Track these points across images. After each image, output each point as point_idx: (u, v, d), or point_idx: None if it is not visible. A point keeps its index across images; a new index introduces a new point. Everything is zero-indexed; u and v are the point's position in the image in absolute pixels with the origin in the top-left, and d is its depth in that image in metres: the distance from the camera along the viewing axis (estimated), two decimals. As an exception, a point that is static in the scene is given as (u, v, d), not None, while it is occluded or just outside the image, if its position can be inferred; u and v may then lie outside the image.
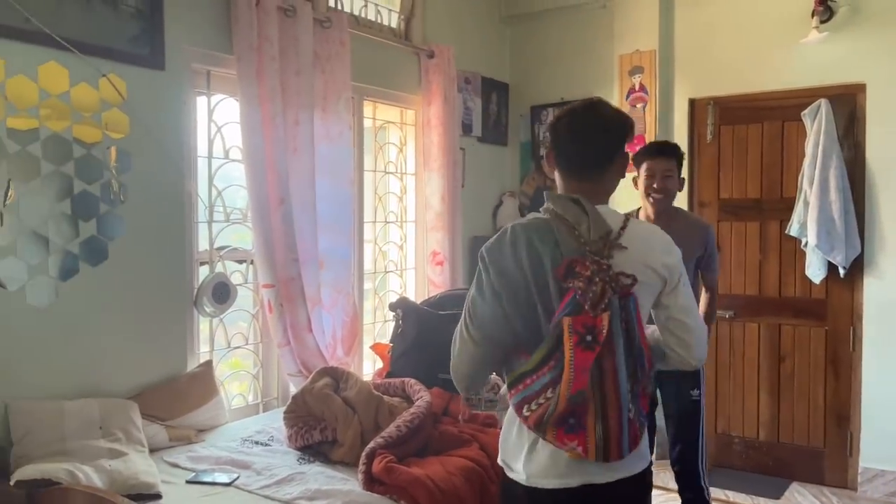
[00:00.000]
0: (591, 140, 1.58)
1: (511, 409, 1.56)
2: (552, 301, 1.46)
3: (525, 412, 1.46)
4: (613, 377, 1.42)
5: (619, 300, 1.42)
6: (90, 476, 2.08)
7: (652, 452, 1.67)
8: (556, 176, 1.65)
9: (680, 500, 2.90)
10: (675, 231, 1.76)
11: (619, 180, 1.66)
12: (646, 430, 1.55)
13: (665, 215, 2.82)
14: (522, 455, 1.55)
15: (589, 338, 1.38)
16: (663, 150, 2.90)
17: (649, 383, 1.53)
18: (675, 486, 2.94)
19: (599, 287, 1.40)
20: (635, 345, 1.45)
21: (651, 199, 2.83)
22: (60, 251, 2.40)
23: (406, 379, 2.93)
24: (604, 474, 1.50)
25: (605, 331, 1.39)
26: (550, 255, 1.46)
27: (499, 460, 1.66)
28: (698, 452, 2.85)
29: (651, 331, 1.62)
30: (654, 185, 2.81)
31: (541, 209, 1.58)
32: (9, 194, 2.22)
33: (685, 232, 2.62)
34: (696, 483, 2.84)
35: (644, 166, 2.87)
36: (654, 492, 2.26)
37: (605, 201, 1.61)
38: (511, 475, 1.60)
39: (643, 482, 1.60)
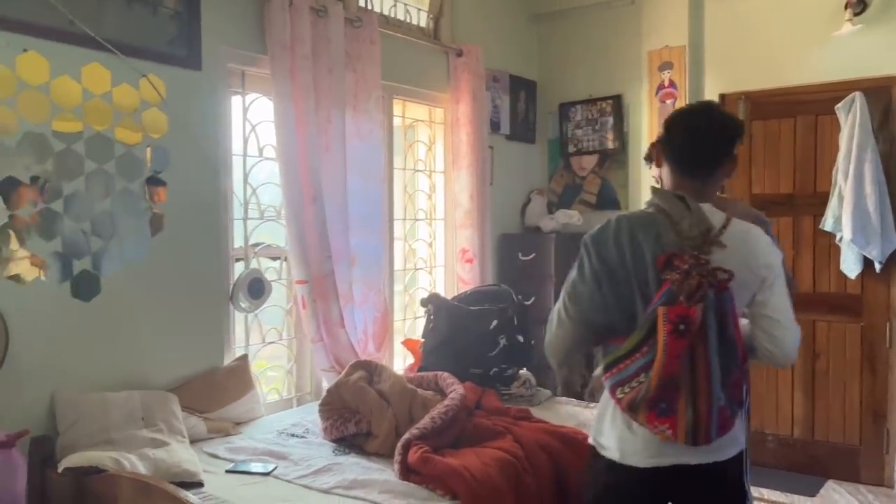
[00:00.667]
0: (707, 139, 1.67)
1: (606, 391, 1.63)
2: (650, 291, 1.55)
3: (619, 394, 1.55)
4: (706, 366, 1.49)
5: (715, 294, 1.49)
6: (135, 464, 2.13)
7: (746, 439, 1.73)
8: (664, 171, 1.74)
9: None
10: None
11: (724, 181, 1.77)
12: (738, 417, 1.60)
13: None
14: (616, 435, 1.64)
15: (682, 327, 1.45)
16: None
17: (742, 375, 1.59)
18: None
19: (696, 280, 1.47)
20: (728, 337, 1.52)
21: None
22: (103, 247, 2.47)
23: (439, 373, 2.96)
24: (695, 456, 1.57)
25: (698, 321, 1.46)
26: (652, 248, 1.56)
27: (590, 440, 1.74)
28: None
29: (743, 324, 1.67)
30: None
31: (645, 203, 1.69)
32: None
33: None
34: None
35: None
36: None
37: (711, 200, 1.68)
38: (603, 453, 1.68)
39: (734, 466, 1.65)
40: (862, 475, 3.78)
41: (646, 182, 4.31)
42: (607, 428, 1.67)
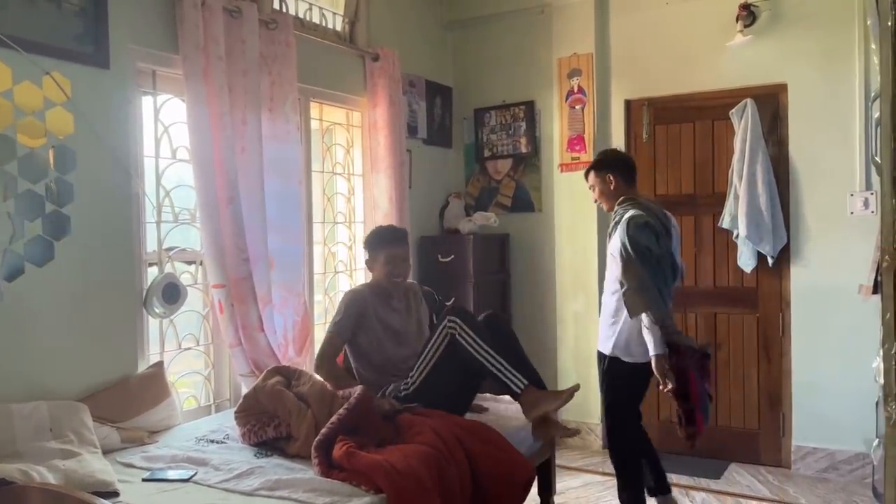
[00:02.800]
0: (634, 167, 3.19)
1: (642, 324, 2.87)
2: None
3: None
4: None
5: None
6: (45, 475, 2.04)
7: None
8: (616, 185, 3.11)
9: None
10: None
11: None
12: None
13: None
14: (640, 351, 2.93)
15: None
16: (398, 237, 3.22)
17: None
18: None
19: None
20: None
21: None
22: (5, 251, 2.36)
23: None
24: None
25: None
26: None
27: (614, 354, 3.06)
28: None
29: None
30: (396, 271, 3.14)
31: (627, 205, 3.01)
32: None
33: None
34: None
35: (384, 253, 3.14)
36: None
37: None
38: (629, 360, 3.02)
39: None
40: (762, 457, 4.04)
41: (557, 185, 4.47)
42: (633, 347, 2.97)
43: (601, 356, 3.17)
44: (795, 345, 3.91)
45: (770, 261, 3.89)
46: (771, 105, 3.95)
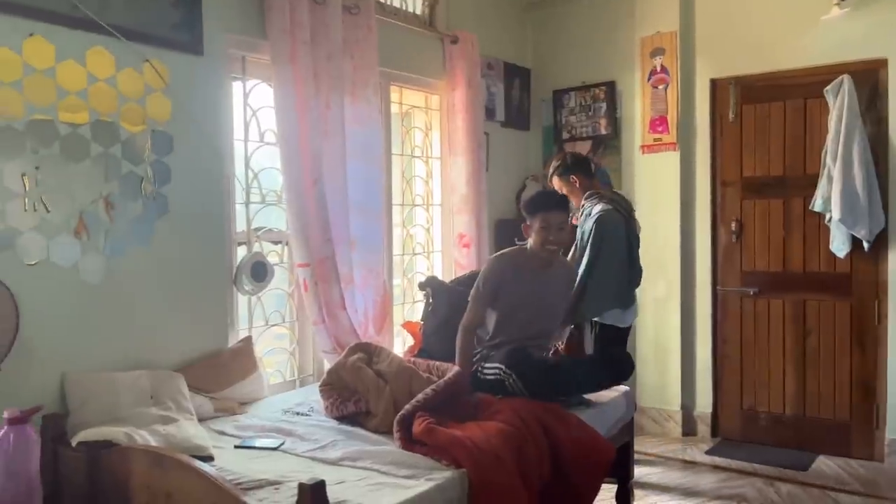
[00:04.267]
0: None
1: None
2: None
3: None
4: None
5: None
6: (147, 438, 2.18)
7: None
8: (581, 183, 3.44)
9: None
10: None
11: None
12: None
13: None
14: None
15: None
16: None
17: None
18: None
19: None
20: None
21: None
22: (108, 231, 2.51)
23: (432, 361, 2.97)
24: None
25: None
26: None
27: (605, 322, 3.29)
28: None
29: None
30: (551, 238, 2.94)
31: (597, 197, 3.37)
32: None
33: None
34: None
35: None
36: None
37: None
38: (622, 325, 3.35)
39: None
40: (853, 450, 3.87)
41: (638, 167, 4.39)
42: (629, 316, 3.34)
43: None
44: (892, 333, 3.72)
45: (866, 245, 3.70)
46: (869, 82, 3.75)
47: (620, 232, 3.30)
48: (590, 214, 3.34)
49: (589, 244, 3.26)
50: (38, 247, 2.32)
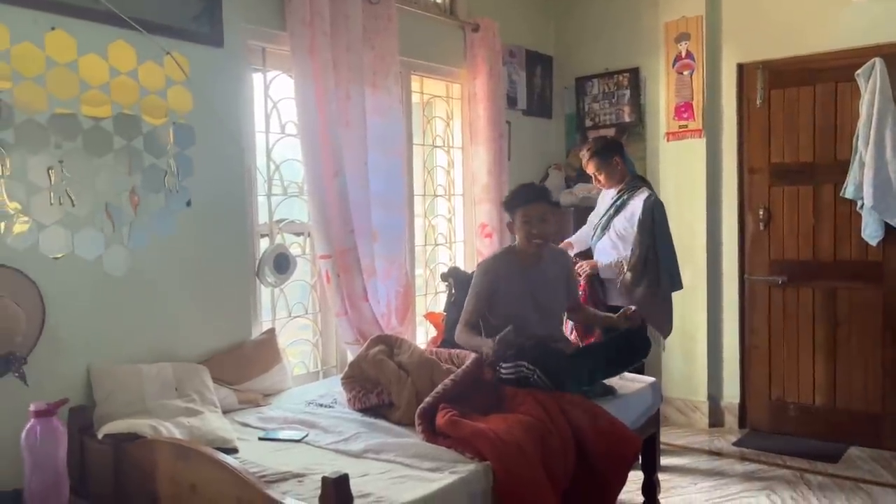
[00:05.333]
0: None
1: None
2: None
3: None
4: None
5: None
6: (172, 431, 2.19)
7: None
8: (622, 166, 3.52)
9: None
10: None
11: None
12: None
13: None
14: None
15: None
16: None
17: None
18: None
19: None
20: None
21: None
22: (132, 223, 2.52)
23: (453, 350, 2.95)
24: None
25: None
26: None
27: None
28: None
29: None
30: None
31: (641, 181, 3.54)
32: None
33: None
34: None
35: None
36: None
37: None
38: None
39: None
40: (885, 441, 3.79)
41: (663, 155, 4.32)
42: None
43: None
44: (926, 323, 3.63)
45: (899, 233, 3.61)
46: (903, 64, 3.64)
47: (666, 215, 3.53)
48: (634, 198, 3.50)
49: (654, 226, 3.41)
50: (64, 240, 2.33)
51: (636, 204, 3.47)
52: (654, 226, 3.42)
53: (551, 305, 3.01)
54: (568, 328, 3.44)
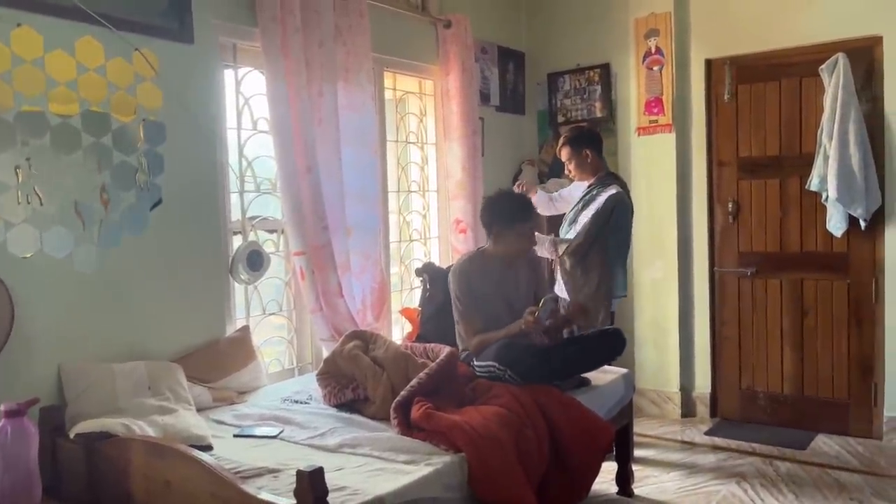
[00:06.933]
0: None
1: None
2: None
3: None
4: None
5: None
6: (145, 429, 2.18)
7: None
8: (592, 159, 3.55)
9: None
10: None
11: None
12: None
13: None
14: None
15: None
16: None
17: None
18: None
19: None
20: None
21: None
22: (102, 221, 2.50)
23: (427, 344, 2.98)
24: None
25: None
26: None
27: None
28: None
29: None
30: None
31: (613, 178, 3.47)
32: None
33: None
34: None
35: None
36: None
37: None
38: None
39: None
40: (851, 428, 3.88)
41: (634, 149, 4.37)
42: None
43: None
44: (889, 312, 3.72)
45: (862, 224, 3.69)
46: (865, 60, 3.73)
47: (630, 217, 3.55)
48: (602, 193, 3.45)
49: (609, 220, 3.38)
50: (32, 239, 2.31)
51: (601, 199, 3.44)
52: (610, 220, 3.37)
53: (524, 306, 3.04)
54: None
